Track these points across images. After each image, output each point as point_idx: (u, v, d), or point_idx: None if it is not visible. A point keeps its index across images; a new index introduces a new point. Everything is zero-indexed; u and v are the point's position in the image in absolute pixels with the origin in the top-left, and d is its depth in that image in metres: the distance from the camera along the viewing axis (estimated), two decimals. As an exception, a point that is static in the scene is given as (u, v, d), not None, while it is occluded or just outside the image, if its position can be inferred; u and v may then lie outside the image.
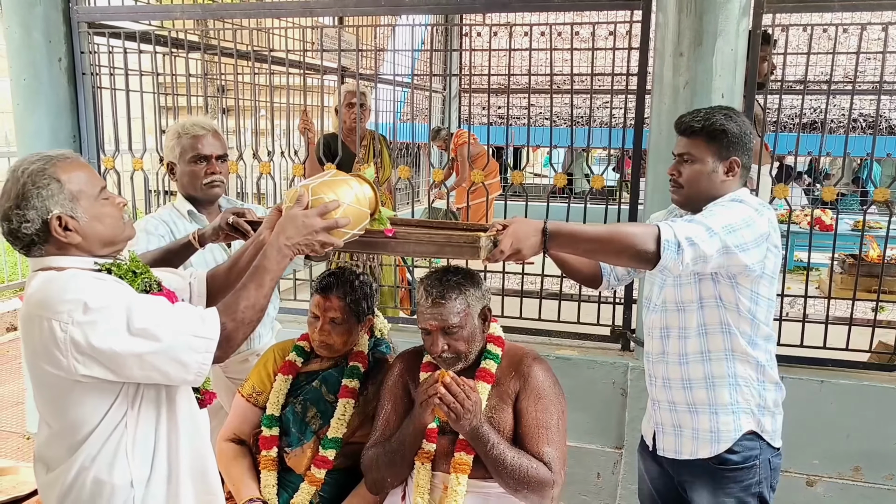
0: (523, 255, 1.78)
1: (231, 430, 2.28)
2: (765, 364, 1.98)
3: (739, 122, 1.96)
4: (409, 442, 1.95)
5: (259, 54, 3.71)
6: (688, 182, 1.97)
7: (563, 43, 3.59)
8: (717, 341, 1.97)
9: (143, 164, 3.77)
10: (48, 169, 1.50)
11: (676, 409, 2.05)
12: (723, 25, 2.79)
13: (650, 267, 1.75)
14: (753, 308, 1.93)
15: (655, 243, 1.71)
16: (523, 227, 1.78)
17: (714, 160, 1.94)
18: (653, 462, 2.17)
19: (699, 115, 1.96)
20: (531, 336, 3.38)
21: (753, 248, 1.82)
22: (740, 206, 1.86)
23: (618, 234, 1.77)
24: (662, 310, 2.06)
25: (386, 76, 6.57)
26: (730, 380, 1.97)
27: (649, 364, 2.14)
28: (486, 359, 2.03)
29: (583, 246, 1.83)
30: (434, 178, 3.37)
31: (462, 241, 1.75)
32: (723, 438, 1.98)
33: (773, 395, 2.02)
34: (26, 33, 3.66)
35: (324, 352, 2.22)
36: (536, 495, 1.87)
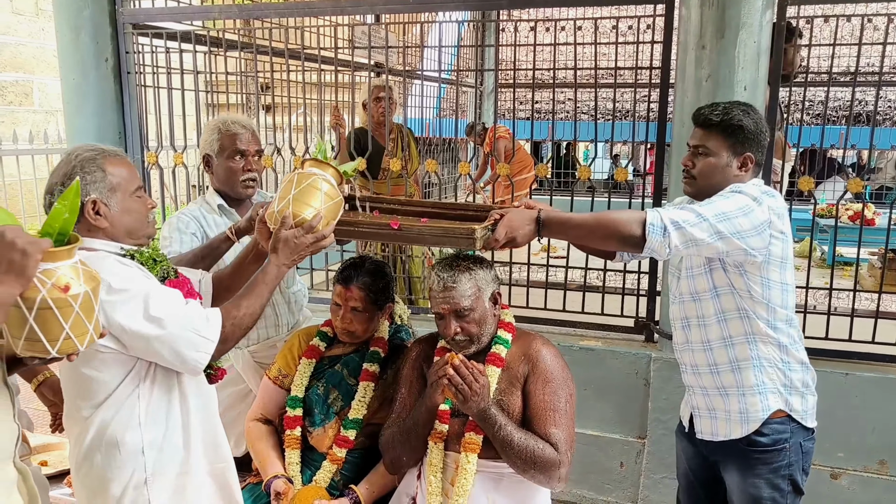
0: (518, 243, 1.90)
1: (258, 410, 2.40)
2: (787, 345, 2.02)
3: (756, 118, 1.99)
4: (422, 421, 2.04)
5: (294, 52, 3.82)
6: (701, 174, 2.01)
7: (587, 38, 3.62)
8: (736, 326, 2.01)
9: (183, 159, 3.93)
10: (98, 159, 1.71)
11: (708, 393, 2.11)
12: (746, 18, 2.80)
13: (638, 250, 1.84)
14: (766, 293, 1.97)
15: (641, 227, 1.80)
16: (517, 216, 1.89)
17: (729, 154, 1.98)
18: (689, 443, 2.24)
19: (718, 109, 2.00)
20: (555, 327, 3.43)
21: (754, 235, 1.86)
22: (737, 196, 1.90)
23: (605, 220, 1.87)
24: (680, 301, 2.12)
25: (425, 72, 6.66)
26: (754, 361, 2.01)
27: (677, 353, 2.21)
28: (496, 344, 2.10)
29: (574, 233, 1.95)
30: (461, 171, 3.44)
31: (459, 233, 1.88)
32: (751, 418, 2.02)
33: (800, 375, 2.05)
34: (75, 35, 3.85)
35: (346, 338, 2.33)
36: (543, 475, 1.93)
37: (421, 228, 1.98)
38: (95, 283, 1.38)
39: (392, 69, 3.87)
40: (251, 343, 2.67)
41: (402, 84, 4.27)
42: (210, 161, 2.55)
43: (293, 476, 2.24)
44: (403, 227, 1.95)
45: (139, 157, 4.02)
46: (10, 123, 8.08)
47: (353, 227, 2.05)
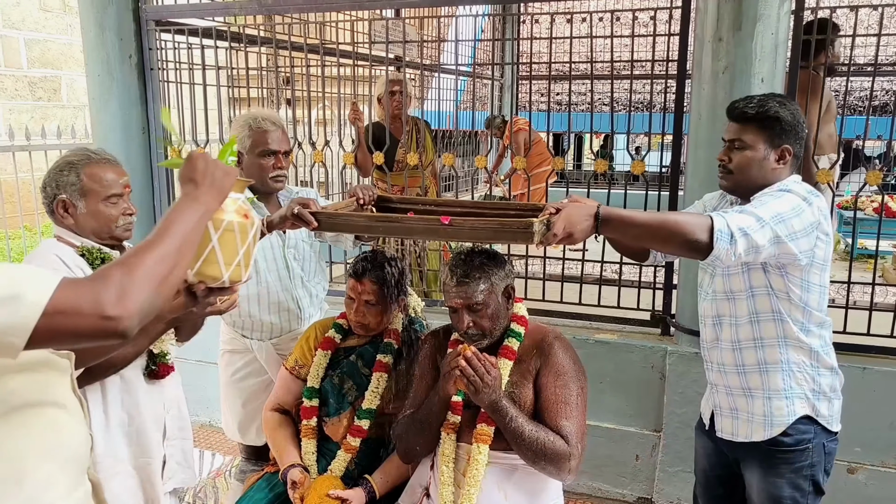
0: (575, 239, 1.81)
1: (276, 400, 2.46)
2: (818, 350, 1.98)
3: (793, 109, 1.94)
4: (434, 411, 2.07)
5: (314, 47, 3.87)
6: (738, 168, 1.96)
7: (603, 30, 3.63)
8: (769, 328, 1.98)
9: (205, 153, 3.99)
10: (78, 165, 1.91)
11: (732, 392, 2.08)
12: (763, 9, 2.78)
13: (703, 257, 1.76)
14: (805, 296, 1.93)
15: (708, 234, 1.73)
16: (576, 210, 1.80)
17: (766, 147, 1.93)
18: (708, 440, 2.22)
19: (753, 102, 1.95)
20: (571, 320, 3.44)
21: (803, 237, 1.82)
22: (788, 196, 1.85)
23: (670, 222, 1.79)
24: (713, 298, 2.08)
25: (444, 66, 6.69)
26: (783, 365, 1.98)
27: (704, 350, 2.17)
28: (508, 337, 2.12)
29: (634, 231, 1.85)
30: (477, 165, 3.46)
31: (516, 227, 1.81)
32: (776, 423, 2.00)
33: (829, 380, 2.02)
34: (100, 32, 3.92)
35: (360, 331, 2.36)
36: (554, 467, 1.95)
37: (474, 223, 1.89)
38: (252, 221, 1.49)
39: (410, 62, 3.88)
40: (273, 335, 2.72)
41: (418, 78, 4.29)
42: (240, 157, 2.56)
43: (309, 465, 2.28)
44: (455, 223, 1.88)
45: (162, 152, 4.10)
46: (39, 118, 8.24)
47: (400, 223, 2.01)
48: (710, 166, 2.89)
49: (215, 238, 1.41)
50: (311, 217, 2.05)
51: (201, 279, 1.47)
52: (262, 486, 2.31)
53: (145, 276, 1.15)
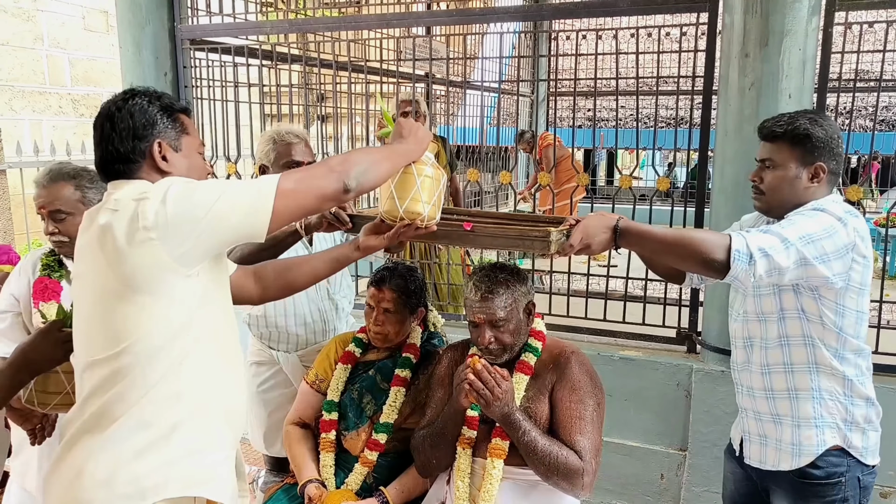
0: (592, 251, 1.83)
1: (297, 414, 2.48)
2: (853, 378, 1.91)
3: (826, 126, 1.88)
4: (449, 425, 2.07)
5: (345, 64, 3.93)
6: (770, 188, 1.92)
7: (631, 47, 3.62)
8: (799, 353, 1.91)
9: (237, 169, 4.08)
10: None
11: (761, 418, 2.02)
12: (790, 25, 2.76)
13: (720, 277, 1.73)
14: (839, 321, 1.86)
15: (726, 253, 1.69)
16: (595, 222, 1.81)
17: (797, 166, 1.88)
18: (737, 465, 2.16)
19: (782, 120, 1.91)
20: (596, 336, 3.42)
21: (835, 259, 1.76)
22: (821, 215, 1.80)
23: (688, 238, 1.77)
24: (744, 319, 2.03)
25: (472, 83, 6.73)
26: (814, 393, 1.91)
27: (735, 372, 2.12)
28: (525, 351, 2.12)
29: (651, 246, 1.84)
30: (502, 181, 3.47)
31: (534, 235, 1.84)
32: (804, 452, 1.93)
33: (864, 411, 1.93)
34: (137, 51, 4.04)
35: (378, 341, 2.38)
36: (567, 482, 1.94)
37: (494, 230, 1.92)
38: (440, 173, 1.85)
39: (438, 79, 3.93)
40: (300, 347, 2.76)
41: (447, 94, 4.33)
42: (266, 171, 2.61)
43: (327, 479, 2.30)
44: (476, 229, 1.91)
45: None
46: (81, 135, 8.48)
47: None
48: (736, 182, 2.89)
49: (419, 181, 1.76)
50: (347, 218, 2.10)
51: (408, 215, 1.79)
52: (280, 496, 2.34)
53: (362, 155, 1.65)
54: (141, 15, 4.00)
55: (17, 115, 8.26)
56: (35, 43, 8.51)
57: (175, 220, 1.44)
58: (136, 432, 1.48)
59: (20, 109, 8.31)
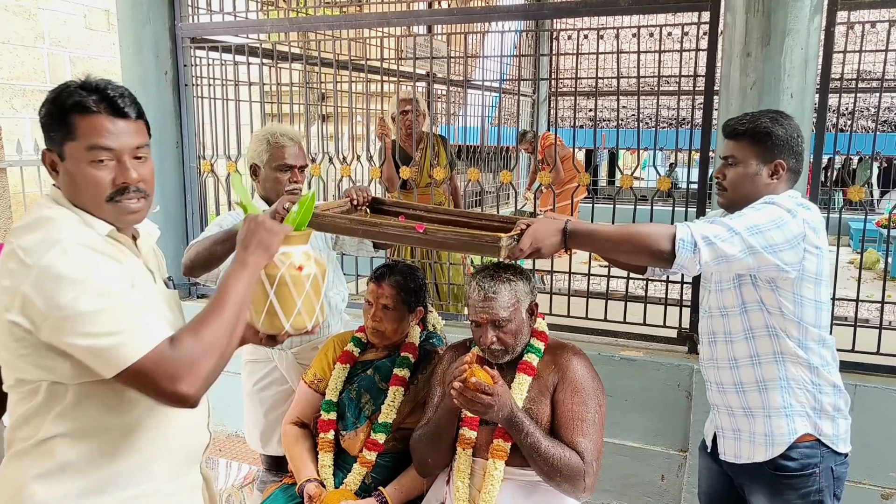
0: (543, 254, 1.88)
1: (295, 413, 2.48)
2: (819, 366, 1.95)
3: (786, 125, 1.94)
4: (443, 423, 2.07)
5: (343, 63, 3.92)
6: (731, 185, 1.98)
7: (633, 46, 3.62)
8: (764, 344, 1.96)
9: (236, 168, 4.07)
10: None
11: (734, 412, 2.05)
12: (792, 24, 2.75)
13: (667, 265, 1.80)
14: (798, 311, 1.91)
15: (671, 242, 1.76)
16: (544, 226, 1.88)
17: (758, 163, 1.94)
18: (712, 462, 2.19)
19: (745, 119, 1.98)
20: (597, 336, 3.41)
21: (786, 249, 1.81)
22: (770, 207, 1.85)
23: (634, 233, 1.84)
24: (709, 315, 2.08)
25: (473, 82, 6.73)
26: (781, 382, 1.95)
27: (703, 370, 2.16)
28: (528, 352, 2.11)
29: (601, 245, 1.92)
30: (502, 180, 3.46)
31: (484, 240, 1.88)
32: (777, 441, 1.96)
33: (832, 399, 1.97)
34: (138, 50, 4.04)
35: (376, 339, 2.37)
36: (569, 483, 1.93)
37: (446, 234, 1.97)
38: (322, 269, 1.56)
39: (439, 78, 3.92)
40: (294, 345, 2.75)
41: (447, 93, 4.32)
42: (257, 170, 2.62)
43: (325, 479, 2.29)
44: (429, 232, 1.95)
45: (195, 166, 4.18)
46: (82, 133, 8.45)
47: (378, 228, 2.08)
48: (737, 182, 2.87)
49: (272, 293, 1.50)
50: None
51: (267, 331, 1.56)
52: (278, 496, 2.33)
53: (210, 347, 1.33)
54: (142, 13, 3.99)
55: (17, 113, 8.25)
56: (36, 41, 8.50)
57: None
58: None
59: (21, 108, 8.31)
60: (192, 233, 4.24)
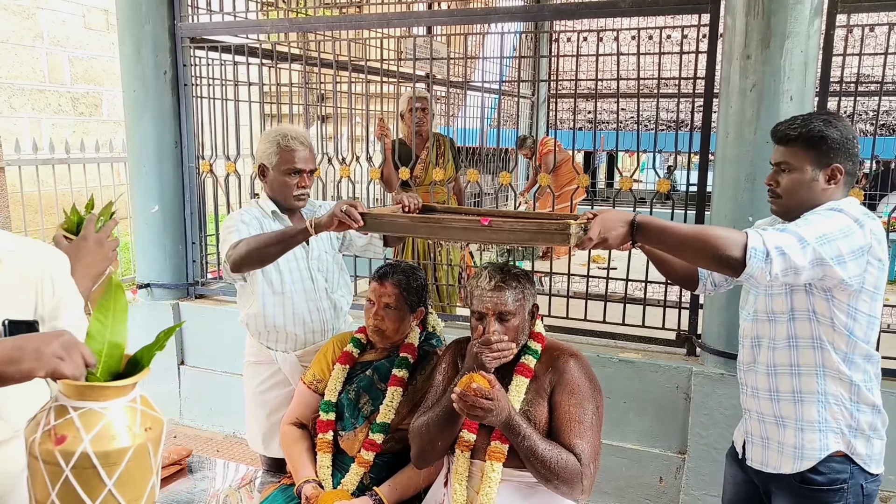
0: (610, 244, 1.82)
1: (294, 414, 2.47)
2: (860, 384, 1.88)
3: (841, 127, 1.86)
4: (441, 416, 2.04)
5: (343, 64, 3.92)
6: (786, 192, 1.90)
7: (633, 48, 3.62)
8: (807, 356, 1.89)
9: (235, 168, 4.07)
10: None
11: (765, 420, 2.00)
12: (792, 27, 2.75)
13: (735, 274, 1.72)
14: (851, 324, 1.83)
15: (742, 250, 1.67)
16: (612, 216, 1.81)
17: (813, 168, 1.85)
18: (739, 469, 2.14)
19: (796, 123, 1.88)
20: (595, 338, 3.41)
21: (851, 260, 1.74)
22: (838, 216, 1.77)
23: (705, 234, 1.75)
24: (754, 319, 2.01)
25: (472, 83, 6.72)
26: (819, 396, 1.89)
27: (741, 373, 2.10)
28: (525, 354, 2.10)
29: (668, 242, 1.82)
30: (501, 182, 3.46)
31: (553, 229, 1.84)
32: (806, 456, 1.91)
33: (869, 418, 1.90)
34: (137, 49, 4.04)
35: (376, 338, 2.37)
36: (566, 486, 1.93)
37: (513, 225, 1.92)
38: (158, 429, 1.11)
39: (439, 80, 3.91)
40: (298, 347, 2.75)
41: (447, 94, 4.33)
42: (265, 171, 2.60)
43: (324, 479, 2.28)
44: (494, 224, 1.91)
45: (193, 166, 4.18)
46: (80, 133, 8.47)
47: (440, 224, 2.07)
48: (737, 185, 2.88)
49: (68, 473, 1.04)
50: (359, 216, 2.11)
51: None
52: (276, 497, 2.32)
53: None
54: (141, 13, 3.99)
55: (16, 112, 8.24)
56: (35, 41, 8.49)
57: None
58: None
59: (20, 107, 8.30)
60: (190, 233, 4.23)
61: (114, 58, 8.98)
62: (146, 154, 4.12)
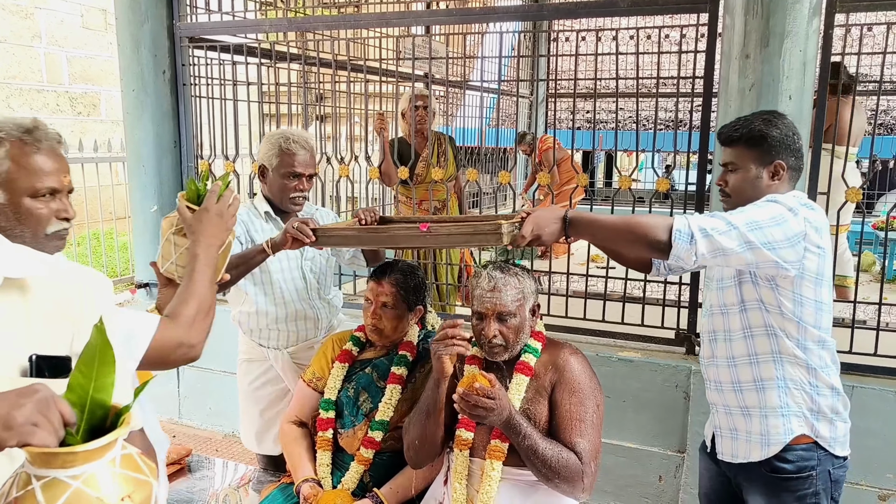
0: (544, 241, 1.90)
1: (293, 412, 2.47)
2: (817, 367, 1.94)
3: (780, 124, 1.95)
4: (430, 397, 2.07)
5: (345, 64, 3.92)
6: (734, 190, 1.99)
7: (632, 48, 3.63)
8: (762, 343, 1.96)
9: (234, 168, 4.07)
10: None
11: (731, 412, 2.06)
12: (791, 26, 2.75)
13: (664, 256, 1.80)
14: (798, 311, 1.90)
15: (668, 233, 1.77)
16: (545, 214, 1.91)
17: (757, 166, 1.95)
18: (711, 462, 2.19)
19: (738, 124, 1.98)
20: (594, 337, 3.41)
21: (786, 247, 1.80)
22: (772, 205, 1.84)
23: (632, 223, 1.85)
24: (710, 313, 2.09)
25: (471, 83, 6.73)
26: (779, 381, 1.95)
27: (703, 368, 2.16)
28: (525, 352, 2.10)
29: (600, 234, 1.94)
30: (501, 181, 3.46)
31: (486, 229, 1.91)
32: (772, 441, 1.96)
33: (829, 401, 1.97)
34: (136, 49, 4.03)
35: (375, 337, 2.37)
36: (567, 484, 1.93)
37: (450, 228, 2.03)
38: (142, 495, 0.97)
39: (437, 79, 3.91)
40: (290, 344, 2.75)
41: (445, 94, 4.33)
42: (265, 172, 2.61)
43: (323, 477, 2.29)
44: (432, 229, 2.00)
45: (192, 166, 4.18)
46: (78, 132, 8.46)
47: (384, 233, 2.16)
48: (735, 184, 2.88)
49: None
50: (310, 231, 2.19)
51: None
52: (276, 495, 2.32)
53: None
54: (140, 12, 3.99)
55: (14, 112, 8.23)
56: (33, 40, 8.48)
57: None
58: None
59: (18, 107, 8.29)
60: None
61: (112, 57, 8.99)
62: (145, 154, 4.11)
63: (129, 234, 4.85)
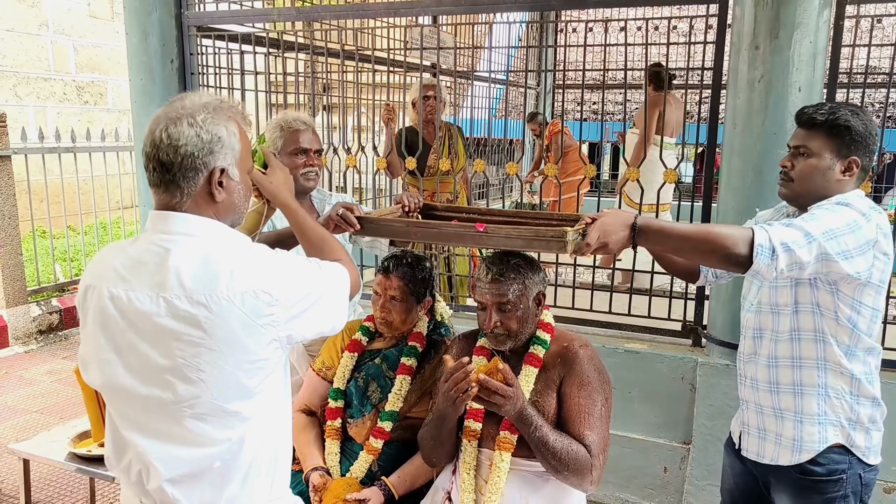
0: (610, 249, 1.78)
1: (303, 401, 2.48)
2: (860, 377, 1.89)
3: (866, 120, 1.85)
4: (443, 430, 2.04)
5: (352, 54, 3.92)
6: (800, 176, 1.89)
7: (641, 38, 3.61)
8: (809, 349, 1.90)
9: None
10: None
11: (763, 411, 2.01)
12: (801, 17, 2.74)
13: (742, 271, 1.71)
14: (854, 317, 1.84)
15: (748, 247, 1.67)
16: (612, 220, 1.76)
17: (832, 157, 1.85)
18: (737, 459, 2.15)
19: (824, 108, 1.87)
20: (602, 329, 3.42)
21: (857, 255, 1.74)
22: (845, 210, 1.77)
23: (710, 234, 1.73)
24: (757, 310, 2.01)
25: (479, 73, 6.71)
26: (819, 389, 1.90)
27: (741, 363, 2.10)
28: (534, 344, 2.10)
29: (672, 244, 1.80)
30: (508, 172, 3.46)
31: (550, 235, 1.80)
32: (805, 448, 1.92)
33: (869, 411, 1.92)
34: (143, 38, 4.03)
35: (384, 329, 2.38)
36: (576, 477, 1.93)
37: (509, 231, 1.90)
38: None
39: (445, 70, 3.90)
40: None
41: (453, 84, 4.33)
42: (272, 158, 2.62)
43: (332, 466, 2.30)
44: (490, 230, 1.90)
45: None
46: (85, 122, 8.47)
47: (436, 230, 2.08)
48: (744, 176, 2.88)
49: None
50: (355, 220, 2.10)
51: None
52: (285, 484, 2.34)
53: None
54: (148, 2, 3.98)
55: (21, 101, 8.24)
56: (40, 29, 8.48)
57: None
58: None
59: (25, 96, 8.30)
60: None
61: (119, 46, 8.98)
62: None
63: (136, 224, 4.87)
